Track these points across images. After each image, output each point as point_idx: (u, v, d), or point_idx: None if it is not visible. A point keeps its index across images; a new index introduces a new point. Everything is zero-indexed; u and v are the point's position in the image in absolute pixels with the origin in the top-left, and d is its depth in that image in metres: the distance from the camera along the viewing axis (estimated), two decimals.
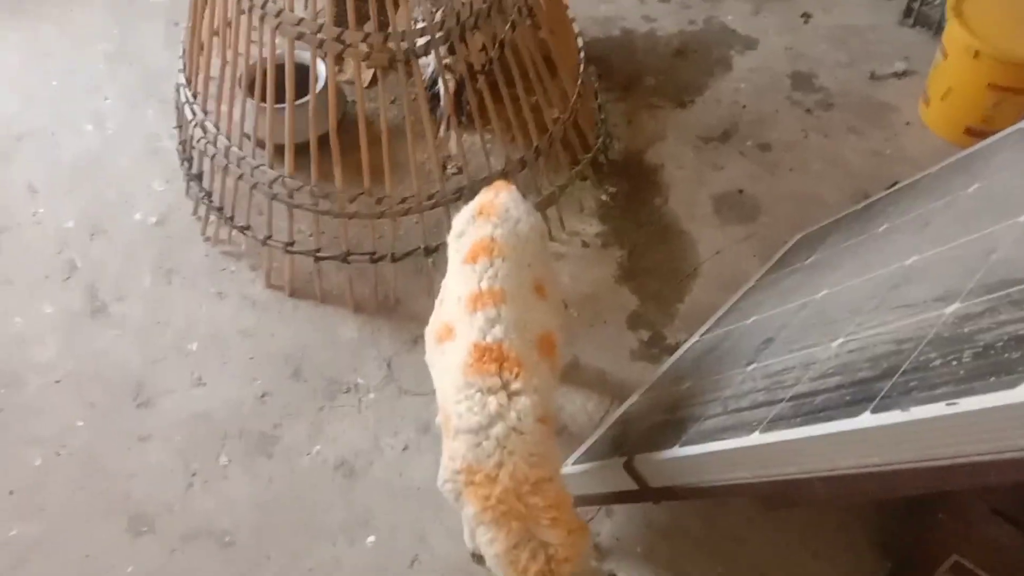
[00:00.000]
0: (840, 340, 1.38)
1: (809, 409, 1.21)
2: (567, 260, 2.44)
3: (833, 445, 1.14)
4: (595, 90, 2.72)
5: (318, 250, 2.30)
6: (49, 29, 3.15)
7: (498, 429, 1.37)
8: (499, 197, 1.64)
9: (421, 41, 2.07)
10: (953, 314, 1.16)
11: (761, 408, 1.35)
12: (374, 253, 2.29)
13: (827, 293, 1.67)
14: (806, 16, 3.14)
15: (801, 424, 1.19)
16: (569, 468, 1.83)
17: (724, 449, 1.34)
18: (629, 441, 1.75)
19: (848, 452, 1.12)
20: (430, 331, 1.60)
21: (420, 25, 2.08)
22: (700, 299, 2.35)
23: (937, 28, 2.94)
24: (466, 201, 1.80)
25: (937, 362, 1.07)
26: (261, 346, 2.27)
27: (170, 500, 2.01)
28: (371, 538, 1.93)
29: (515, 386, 1.40)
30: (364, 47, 2.06)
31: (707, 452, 1.39)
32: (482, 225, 1.58)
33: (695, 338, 2.12)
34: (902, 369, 1.12)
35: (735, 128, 2.78)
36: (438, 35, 2.07)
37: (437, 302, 1.65)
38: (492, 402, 1.38)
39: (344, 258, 2.29)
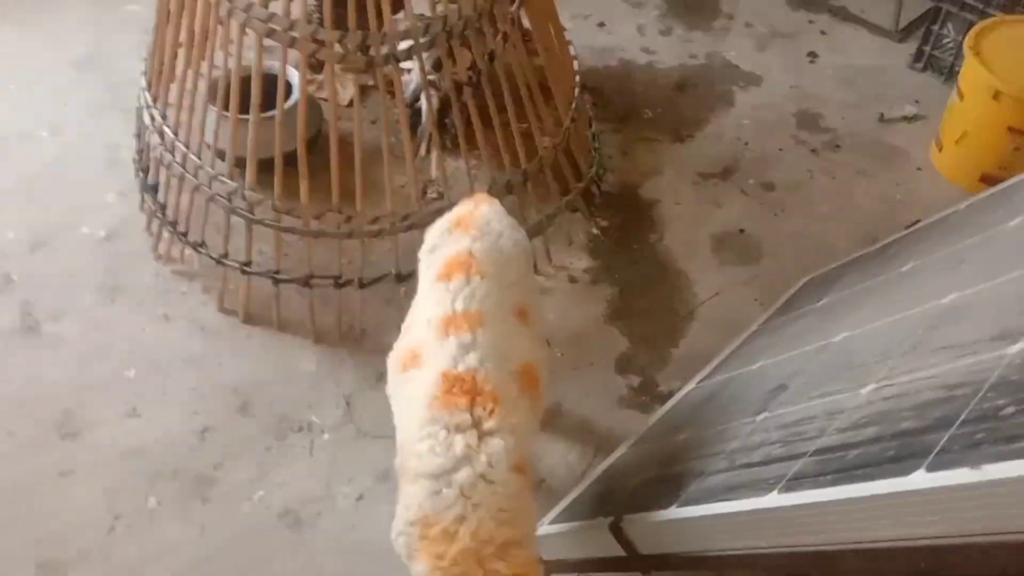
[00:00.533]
0: (871, 386, 1.17)
1: (840, 466, 1.00)
2: (553, 295, 2.23)
3: (874, 510, 0.92)
4: (590, 118, 2.54)
5: (277, 272, 2.07)
6: (16, 32, 2.96)
7: (463, 475, 1.14)
8: (479, 209, 1.43)
9: (403, 45, 1.89)
10: (1020, 354, 0.95)
11: (778, 463, 1.13)
12: (339, 277, 2.07)
13: (847, 336, 1.47)
14: (812, 55, 3.00)
15: (831, 483, 0.97)
16: (545, 528, 1.59)
17: (734, 511, 1.11)
18: (616, 499, 1.52)
19: (893, 519, 0.90)
20: (394, 358, 1.37)
21: (403, 27, 1.89)
22: (696, 343, 2.14)
23: (949, 73, 2.81)
24: None
25: (1010, 410, 0.86)
26: (207, 376, 2.03)
27: (87, 547, 1.75)
28: None
29: (488, 424, 1.17)
30: (339, 48, 1.87)
31: (712, 515, 1.16)
32: (459, 239, 1.37)
33: (691, 385, 1.90)
34: (961, 419, 0.91)
35: (736, 165, 2.61)
36: (422, 40, 1.88)
37: (404, 326, 1.42)
38: (459, 442, 1.15)
39: (306, 281, 2.07)
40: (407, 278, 2.06)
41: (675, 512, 1.24)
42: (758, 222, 2.45)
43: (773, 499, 1.04)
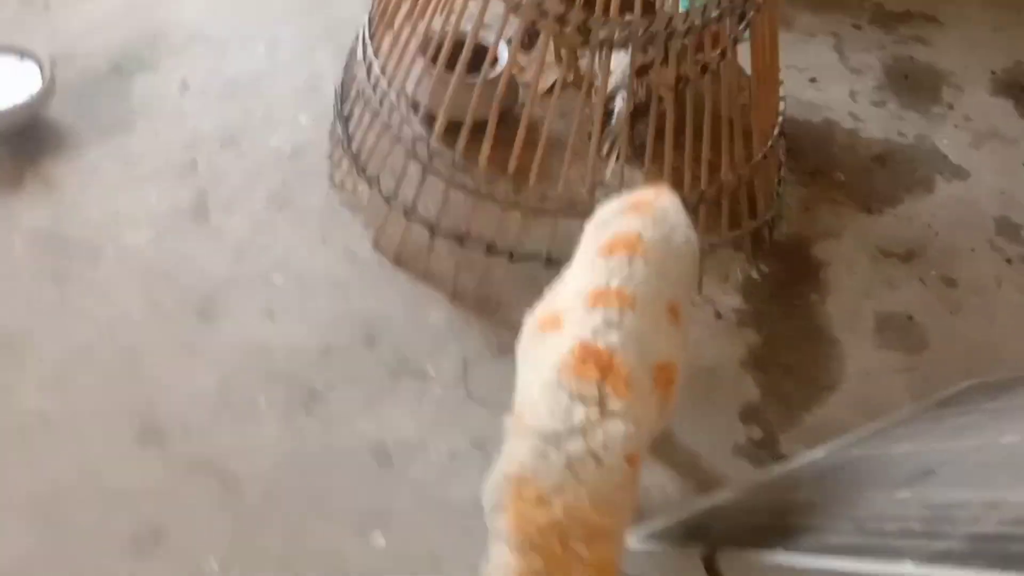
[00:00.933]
0: None
1: (998, 553, 0.89)
2: (694, 326, 2.15)
3: None
4: (780, 163, 2.45)
5: (437, 224, 2.10)
6: None
7: (574, 446, 1.09)
8: (660, 198, 1.39)
9: (621, 33, 1.88)
10: None
11: (918, 538, 1.02)
12: (492, 245, 2.07)
13: (1017, 440, 1.33)
14: None
15: (984, 567, 0.86)
16: (632, 542, 1.52)
17: (852, 571, 1.01)
18: (713, 535, 1.43)
19: None
20: (534, 317, 1.34)
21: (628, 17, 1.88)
22: (831, 415, 2.01)
23: None
24: None
25: None
26: (344, 302, 2.07)
27: (191, 424, 1.81)
28: (381, 540, 1.67)
29: (613, 405, 1.12)
30: (559, 23, 1.88)
31: (823, 569, 1.06)
32: (632, 220, 1.33)
33: (820, 452, 1.77)
34: None
35: (921, 252, 2.45)
36: (640, 34, 1.87)
37: (551, 290, 1.40)
38: (580, 412, 1.10)
39: (461, 241, 2.09)
40: (556, 264, 2.04)
41: (781, 556, 1.14)
42: (930, 314, 2.28)
43: (909, 569, 0.94)
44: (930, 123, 2.90)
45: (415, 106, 2.16)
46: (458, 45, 2.01)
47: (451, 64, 2.05)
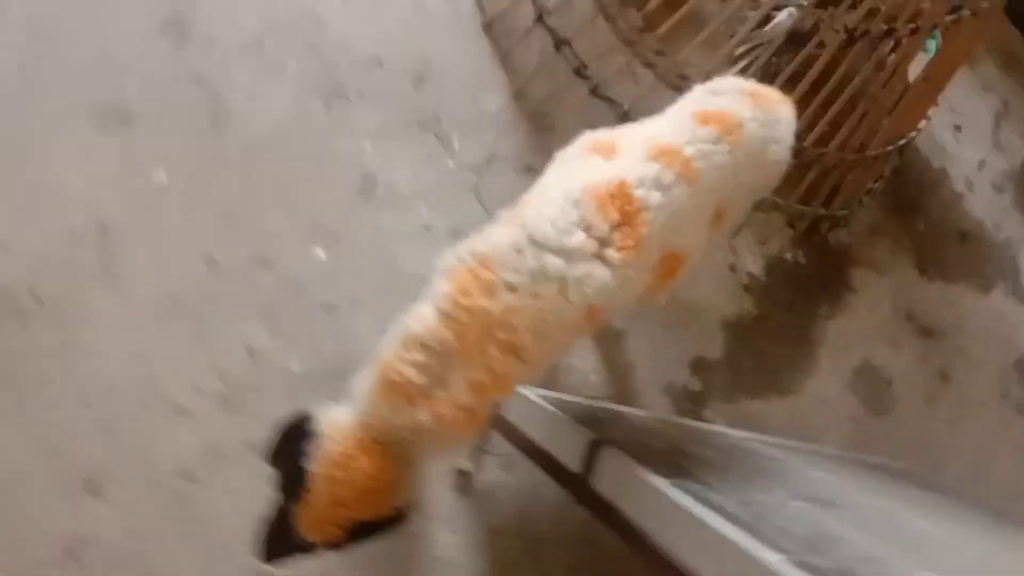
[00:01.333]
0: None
1: None
2: (707, 265, 2.07)
3: None
4: (882, 175, 2.31)
5: (546, 12, 1.93)
6: None
7: (554, 264, 1.01)
8: (781, 105, 1.27)
9: None
10: None
11: (794, 542, 0.99)
12: (584, 69, 1.92)
13: (928, 528, 1.29)
14: None
15: None
16: (532, 391, 1.48)
17: (719, 530, 0.98)
18: (612, 433, 1.40)
19: None
20: (591, 137, 1.23)
21: None
22: (766, 413, 2.00)
23: None
24: None
25: None
26: (418, 32, 1.90)
27: (216, 39, 1.70)
28: (321, 255, 1.63)
29: (611, 255, 1.04)
30: None
31: (696, 516, 1.02)
32: (743, 106, 1.21)
33: (739, 433, 1.75)
34: None
35: (941, 336, 2.37)
36: None
37: (621, 125, 1.28)
38: (579, 238, 1.02)
39: (558, 46, 1.92)
40: (628, 120, 1.92)
41: (658, 481, 1.11)
42: (909, 392, 2.24)
43: (771, 557, 0.90)
44: None
45: None
46: None
47: None
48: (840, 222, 2.25)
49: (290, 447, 1.06)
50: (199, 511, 1.45)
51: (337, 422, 1.07)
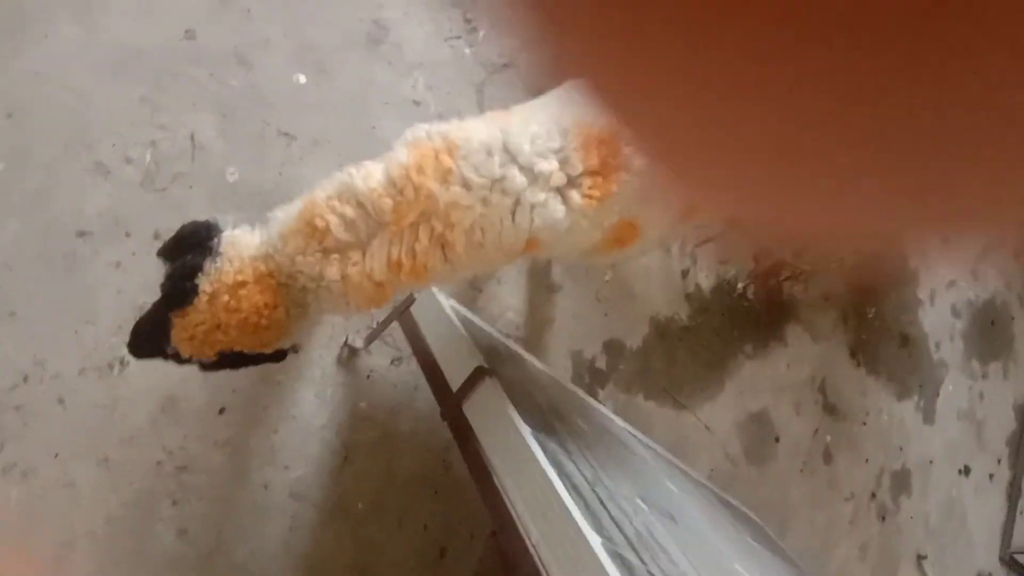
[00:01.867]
0: None
1: None
2: (658, 257, 2.05)
3: None
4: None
5: None
6: None
7: (515, 179, 0.96)
8: None
9: None
10: None
11: (619, 535, 0.99)
12: None
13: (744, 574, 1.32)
14: None
15: None
16: (444, 298, 1.45)
17: (560, 496, 0.97)
18: (503, 369, 1.38)
19: None
20: None
21: None
22: (653, 419, 2.00)
23: None
24: None
25: None
26: None
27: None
28: (302, 79, 1.55)
29: (575, 198, 1.00)
30: None
31: (543, 471, 1.02)
32: None
33: (620, 421, 1.75)
34: None
35: (842, 419, 2.42)
36: None
37: None
38: (551, 167, 0.98)
39: None
40: None
41: (526, 431, 1.09)
42: (790, 453, 2.28)
43: (595, 540, 0.90)
44: (960, 371, 2.82)
45: None
46: None
47: None
48: (801, 276, 2.25)
49: (187, 254, 1.00)
50: (80, 274, 1.39)
51: (242, 244, 1.02)
